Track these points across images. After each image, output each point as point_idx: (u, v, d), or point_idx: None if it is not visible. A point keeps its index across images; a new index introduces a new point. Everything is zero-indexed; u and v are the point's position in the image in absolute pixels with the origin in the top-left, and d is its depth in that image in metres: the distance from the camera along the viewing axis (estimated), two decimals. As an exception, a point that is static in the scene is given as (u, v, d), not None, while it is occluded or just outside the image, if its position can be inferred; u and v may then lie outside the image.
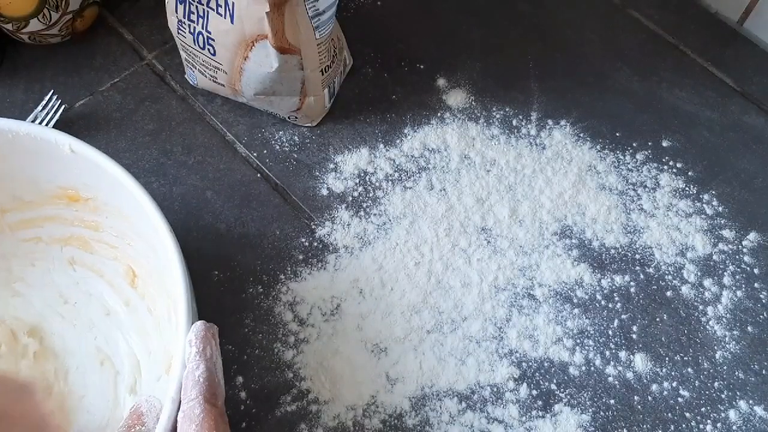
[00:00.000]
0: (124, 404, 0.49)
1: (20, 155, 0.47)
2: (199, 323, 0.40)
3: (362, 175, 0.60)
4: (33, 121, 0.59)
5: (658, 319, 0.54)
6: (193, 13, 0.55)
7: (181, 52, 0.60)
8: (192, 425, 0.36)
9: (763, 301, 0.56)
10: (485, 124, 0.63)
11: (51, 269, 0.53)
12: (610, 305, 0.55)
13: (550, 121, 0.63)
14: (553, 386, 0.51)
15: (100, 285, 0.52)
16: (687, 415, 0.51)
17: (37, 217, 0.51)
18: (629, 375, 0.52)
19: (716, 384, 0.52)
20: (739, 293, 0.56)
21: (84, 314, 0.52)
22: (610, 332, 0.54)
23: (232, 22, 0.53)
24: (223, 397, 0.38)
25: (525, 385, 0.51)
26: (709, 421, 0.51)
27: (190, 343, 0.39)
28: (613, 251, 0.57)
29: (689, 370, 0.53)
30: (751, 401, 0.51)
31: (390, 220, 0.58)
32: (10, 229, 0.52)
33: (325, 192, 0.59)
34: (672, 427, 0.50)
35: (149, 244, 0.47)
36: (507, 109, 0.64)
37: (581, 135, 0.63)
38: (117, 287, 0.52)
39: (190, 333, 0.39)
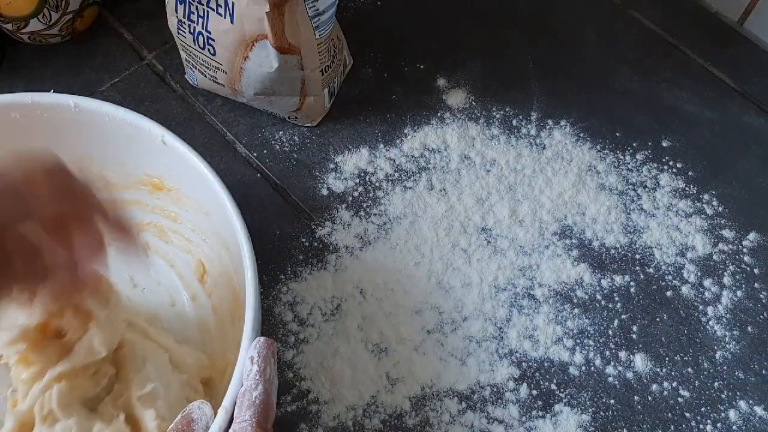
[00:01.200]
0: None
1: (114, 138, 0.49)
2: (263, 340, 0.39)
3: (362, 175, 0.60)
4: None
5: (658, 319, 0.54)
6: (193, 13, 0.55)
7: (181, 52, 0.60)
8: None
9: (763, 301, 0.56)
10: (485, 124, 0.63)
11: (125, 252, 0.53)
12: (610, 305, 0.55)
13: (550, 121, 0.63)
14: (553, 386, 0.51)
15: (171, 275, 0.53)
16: (687, 415, 0.51)
17: (119, 200, 0.52)
18: (629, 375, 0.52)
19: (716, 384, 0.52)
20: (739, 293, 0.56)
21: (151, 301, 0.52)
22: (610, 332, 0.54)
23: (232, 22, 0.53)
24: (273, 419, 0.38)
25: (525, 385, 0.51)
26: (709, 421, 0.51)
27: (251, 360, 0.38)
28: (613, 251, 0.57)
29: (689, 370, 0.53)
30: (751, 401, 0.51)
31: (390, 220, 0.58)
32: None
33: (325, 192, 0.59)
34: (672, 427, 0.50)
35: (224, 243, 0.48)
36: (507, 109, 0.64)
37: (581, 135, 0.63)
38: (186, 280, 0.52)
39: (252, 349, 0.38)
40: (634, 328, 0.54)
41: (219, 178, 0.45)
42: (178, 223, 0.52)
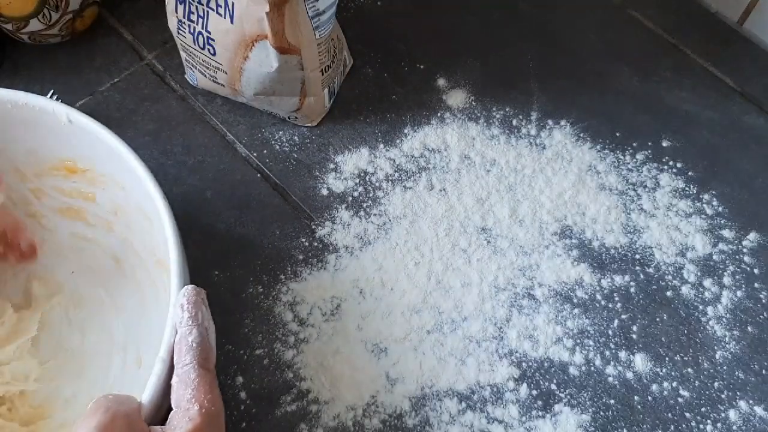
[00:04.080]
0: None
1: (21, 126, 0.48)
2: (189, 287, 0.40)
3: (362, 175, 0.60)
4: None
5: (658, 319, 0.54)
6: (193, 13, 0.55)
7: (181, 52, 0.60)
8: (188, 389, 0.37)
9: (763, 301, 0.56)
10: (485, 124, 0.63)
11: (50, 239, 0.53)
12: (610, 305, 0.55)
13: (550, 121, 0.63)
14: (553, 386, 0.51)
15: (97, 256, 0.52)
16: (687, 415, 0.51)
17: (35, 189, 0.52)
18: (629, 375, 0.52)
19: (716, 384, 0.52)
20: (739, 293, 0.56)
21: (82, 286, 0.52)
22: (610, 332, 0.54)
23: (232, 22, 0.53)
24: (215, 361, 0.39)
25: (525, 385, 0.51)
26: (709, 421, 0.51)
27: (181, 307, 0.39)
28: (613, 251, 0.57)
29: (689, 370, 0.53)
30: (751, 401, 0.51)
31: (390, 220, 0.58)
32: (12, 202, 0.52)
33: (325, 192, 0.59)
34: (672, 427, 0.50)
35: (145, 215, 0.47)
36: (507, 109, 0.64)
37: (581, 135, 0.63)
38: (114, 258, 0.52)
39: (181, 297, 0.40)
40: (634, 328, 0.54)
41: (130, 149, 0.44)
42: (96, 203, 0.51)
